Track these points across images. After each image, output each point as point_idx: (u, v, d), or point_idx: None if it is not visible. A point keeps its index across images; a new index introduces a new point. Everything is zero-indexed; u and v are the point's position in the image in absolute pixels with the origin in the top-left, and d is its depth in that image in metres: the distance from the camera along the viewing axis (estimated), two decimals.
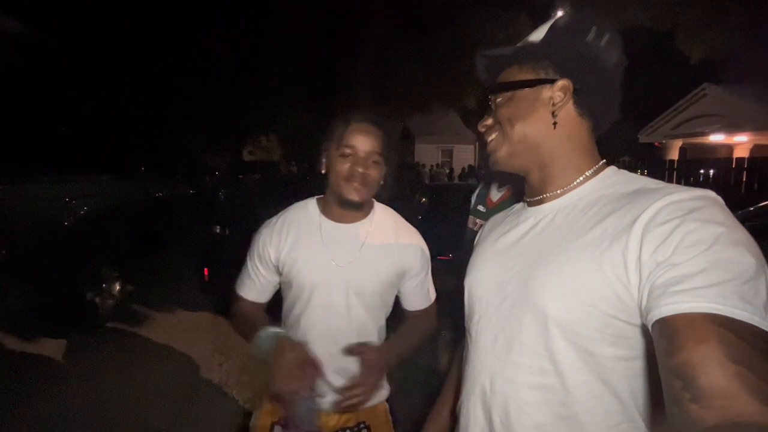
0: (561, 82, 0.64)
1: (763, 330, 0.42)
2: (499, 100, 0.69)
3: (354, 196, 1.05)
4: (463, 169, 11.35)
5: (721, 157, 9.01)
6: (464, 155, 17.34)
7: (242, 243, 1.22)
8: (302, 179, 5.47)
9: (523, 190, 0.74)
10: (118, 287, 3.86)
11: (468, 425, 0.69)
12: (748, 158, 6.99)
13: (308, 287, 1.08)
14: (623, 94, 0.66)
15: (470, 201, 1.62)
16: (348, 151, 1.05)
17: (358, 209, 1.11)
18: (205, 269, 3.87)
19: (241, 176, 9.52)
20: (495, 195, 1.47)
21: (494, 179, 1.48)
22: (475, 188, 1.65)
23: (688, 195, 0.52)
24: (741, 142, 11.83)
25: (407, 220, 1.21)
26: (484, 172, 1.94)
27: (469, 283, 0.75)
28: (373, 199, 1.16)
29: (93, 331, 3.49)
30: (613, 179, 0.63)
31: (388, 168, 1.11)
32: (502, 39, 12.17)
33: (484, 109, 0.73)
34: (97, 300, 3.60)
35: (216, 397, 2.65)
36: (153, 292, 4.28)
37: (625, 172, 0.65)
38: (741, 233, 0.48)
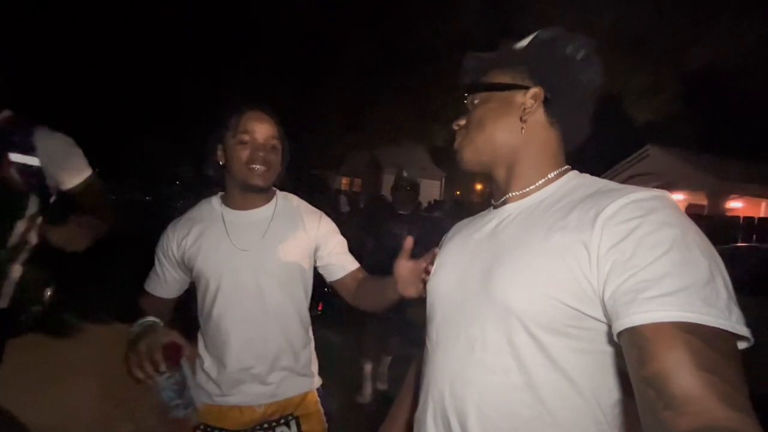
0: (533, 90, 0.66)
1: (728, 331, 0.44)
2: (476, 101, 0.71)
3: (258, 181, 1.08)
4: (429, 203, 11.75)
5: None
6: (430, 190, 17.78)
7: None
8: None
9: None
10: (48, 293, 3.51)
11: None
12: None
13: (215, 275, 1.09)
14: (596, 111, 0.69)
15: (432, 231, 1.62)
16: (246, 137, 1.06)
17: (262, 193, 1.13)
18: None
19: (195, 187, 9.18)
20: None
21: None
22: (439, 220, 1.65)
23: (648, 195, 0.54)
24: (678, 201, 13.02)
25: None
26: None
27: (431, 285, 0.74)
28: (274, 188, 1.19)
29: (10, 341, 3.12)
30: (576, 182, 0.66)
31: (285, 153, 1.15)
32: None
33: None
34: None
35: (139, 422, 2.41)
36: (89, 301, 3.93)
37: (587, 176, 0.67)
38: (696, 235, 0.50)
